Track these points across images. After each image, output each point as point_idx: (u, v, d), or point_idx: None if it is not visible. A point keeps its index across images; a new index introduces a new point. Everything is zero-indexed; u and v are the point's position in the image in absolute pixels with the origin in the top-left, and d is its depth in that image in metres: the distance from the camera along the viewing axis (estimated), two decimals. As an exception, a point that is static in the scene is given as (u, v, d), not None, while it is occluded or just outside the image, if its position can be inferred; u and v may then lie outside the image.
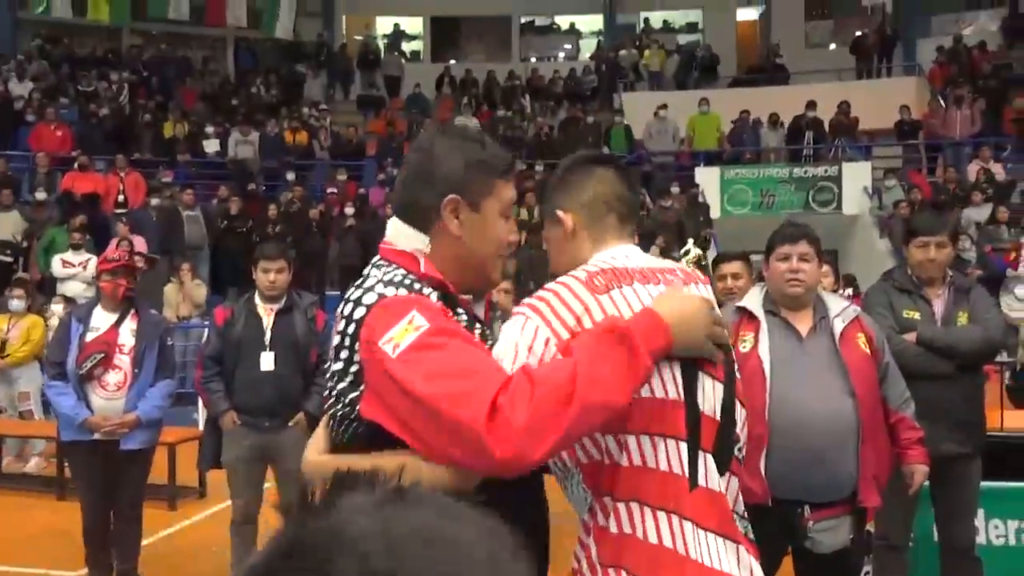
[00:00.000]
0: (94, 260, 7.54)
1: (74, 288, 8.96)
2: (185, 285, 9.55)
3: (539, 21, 21.04)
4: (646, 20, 19.97)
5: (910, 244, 3.31)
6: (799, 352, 2.63)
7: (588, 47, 19.63)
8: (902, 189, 11.82)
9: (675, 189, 11.39)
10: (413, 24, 20.58)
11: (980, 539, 3.58)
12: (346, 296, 1.41)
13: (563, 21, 20.93)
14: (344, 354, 1.37)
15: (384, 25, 20.60)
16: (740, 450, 1.52)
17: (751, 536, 1.50)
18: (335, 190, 11.90)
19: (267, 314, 3.93)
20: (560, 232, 1.57)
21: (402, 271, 1.40)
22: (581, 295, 1.41)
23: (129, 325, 3.96)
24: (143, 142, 13.31)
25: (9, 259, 10.01)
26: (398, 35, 20.35)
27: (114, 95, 14.42)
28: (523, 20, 20.60)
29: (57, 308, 7.13)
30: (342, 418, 1.37)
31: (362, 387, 1.33)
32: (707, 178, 12.45)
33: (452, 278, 1.42)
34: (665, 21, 20.23)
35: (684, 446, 1.38)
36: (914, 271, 3.30)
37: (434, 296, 1.38)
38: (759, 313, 2.70)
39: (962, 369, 3.17)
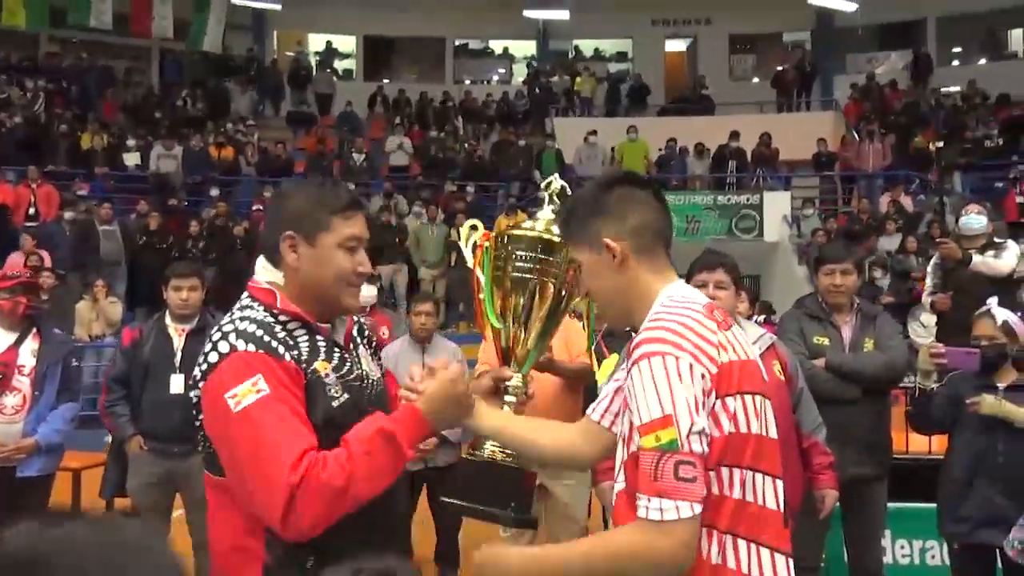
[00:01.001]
0: (-2, 275, 7.16)
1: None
2: (99, 303, 9.16)
3: (473, 44, 21.18)
4: (577, 47, 20.34)
5: (819, 271, 3.44)
6: (715, 377, 2.68)
7: (521, 72, 19.86)
8: (819, 218, 12.29)
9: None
10: (346, 43, 20.44)
11: (887, 559, 3.71)
12: (209, 335, 1.59)
13: (497, 45, 21.13)
14: (199, 383, 1.57)
15: (316, 42, 20.40)
16: None
17: None
18: (261, 207, 11.66)
19: (178, 335, 3.80)
20: (606, 260, 1.50)
21: (262, 310, 1.58)
22: (714, 329, 1.38)
23: (30, 345, 3.76)
24: (58, 153, 12.79)
25: (-95, 273, 9.42)
26: (330, 53, 20.17)
27: (28, 103, 13.82)
28: (457, 43, 20.72)
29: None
30: (201, 434, 1.59)
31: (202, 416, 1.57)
32: (635, 203, 12.66)
33: (306, 308, 1.60)
34: (596, 49, 20.65)
35: (780, 483, 1.41)
36: (823, 297, 3.42)
37: (287, 335, 1.56)
38: (678, 339, 2.74)
39: (868, 393, 3.29)
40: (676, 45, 20.53)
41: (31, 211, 10.95)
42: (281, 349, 1.54)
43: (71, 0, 14.66)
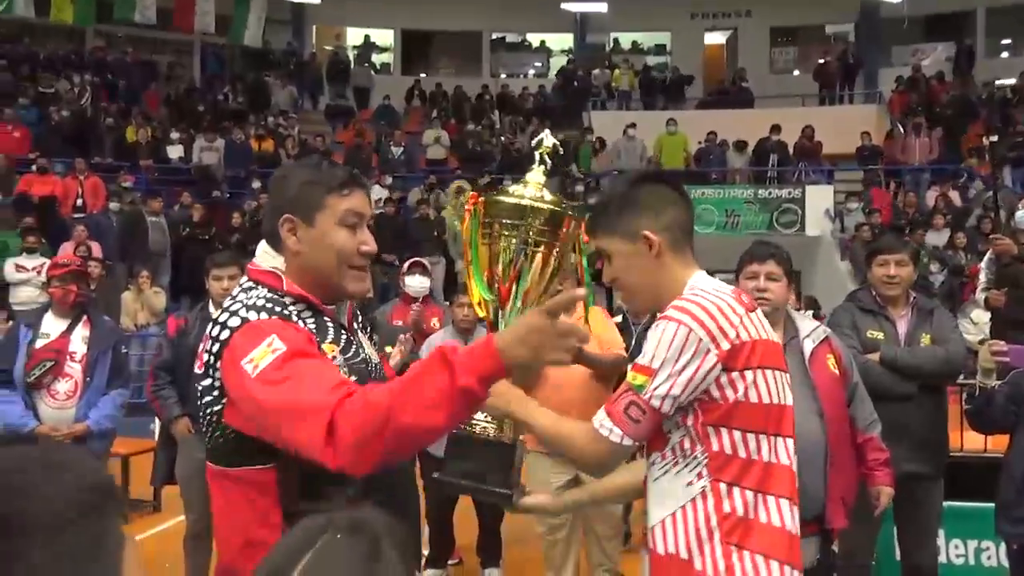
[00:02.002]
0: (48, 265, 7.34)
1: (27, 293, 8.70)
2: (144, 293, 9.33)
3: (510, 38, 21.15)
4: (615, 40, 20.18)
5: (872, 263, 3.35)
6: (768, 371, 2.63)
7: (558, 65, 19.78)
8: (863, 213, 12.06)
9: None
10: (384, 36, 20.54)
11: (941, 558, 3.62)
12: (214, 318, 1.55)
13: (534, 38, 21.06)
14: (210, 370, 1.51)
15: (354, 36, 20.52)
16: None
17: None
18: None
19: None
20: (643, 251, 1.64)
21: (266, 292, 1.54)
22: (739, 312, 1.56)
23: (81, 332, 3.83)
24: (104, 146, 13.05)
25: (-41, 262, 9.69)
26: (368, 47, 20.29)
27: (75, 97, 14.12)
28: (494, 36, 20.70)
29: (-3, 317, 6.91)
30: (210, 424, 1.53)
31: (224, 400, 1.49)
32: (674, 197, 12.55)
33: (310, 291, 1.56)
34: (634, 42, 20.48)
35: (791, 442, 1.62)
36: (876, 290, 3.33)
37: (294, 313, 1.53)
38: (728, 331, 2.69)
39: (925, 389, 3.20)
40: (715, 38, 20.27)
41: (78, 202, 11.18)
42: (294, 317, 1.52)
43: (117, -5, 14.95)
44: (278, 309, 1.51)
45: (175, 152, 13.14)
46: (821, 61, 17.25)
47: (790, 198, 12.68)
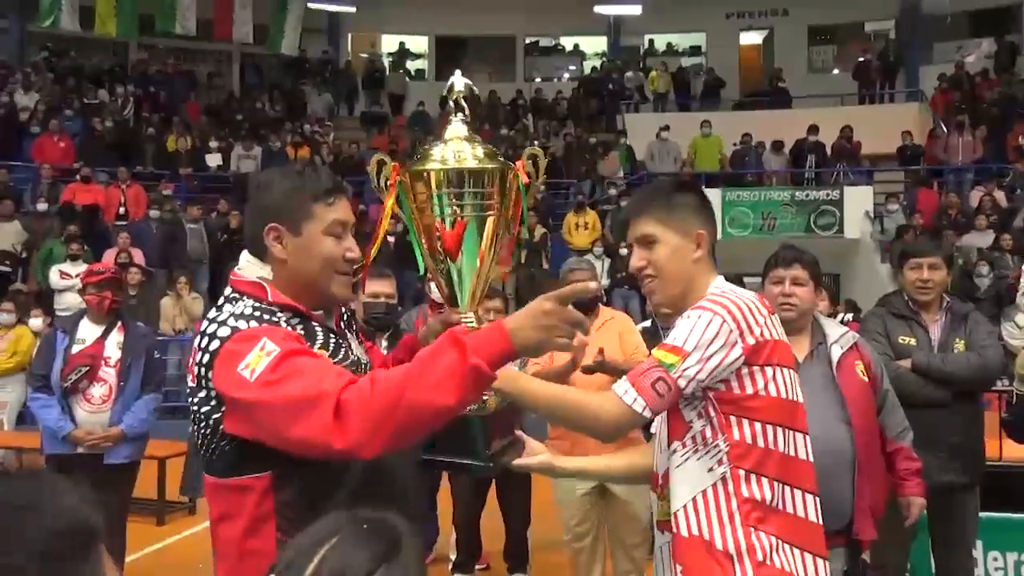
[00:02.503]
0: (90, 272, 7.53)
1: (71, 299, 8.92)
2: (182, 298, 9.51)
3: (543, 42, 21.15)
4: (650, 42, 20.05)
5: (904, 267, 3.27)
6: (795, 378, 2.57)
7: (592, 68, 19.72)
8: (904, 214, 11.79)
9: (676, 210, 11.35)
10: (418, 43, 20.70)
11: (979, 571, 3.51)
12: (202, 328, 1.53)
13: (567, 42, 21.03)
14: (203, 382, 1.50)
15: (389, 43, 20.72)
16: None
17: None
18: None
19: None
20: (690, 248, 1.79)
21: (252, 302, 1.53)
22: (764, 312, 1.70)
23: (116, 338, 3.92)
24: (146, 155, 13.35)
25: (8, 269, 9.99)
26: (403, 53, 20.46)
27: (119, 108, 14.48)
28: (527, 40, 20.72)
29: (35, 322, 7.11)
30: (207, 436, 1.51)
31: (223, 408, 1.48)
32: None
33: (297, 298, 1.56)
34: (669, 43, 20.33)
35: (808, 439, 1.72)
36: (908, 294, 3.25)
37: (282, 320, 1.52)
38: (755, 337, 2.65)
39: (959, 397, 3.11)
40: (751, 37, 20.03)
41: (121, 210, 11.45)
42: (283, 324, 1.52)
43: (158, 8, 15.32)
44: (266, 317, 1.52)
45: (214, 160, 13.39)
46: (860, 59, 16.92)
47: (828, 200, 12.45)
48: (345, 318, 1.74)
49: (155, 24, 15.49)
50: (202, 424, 1.52)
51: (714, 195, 12.65)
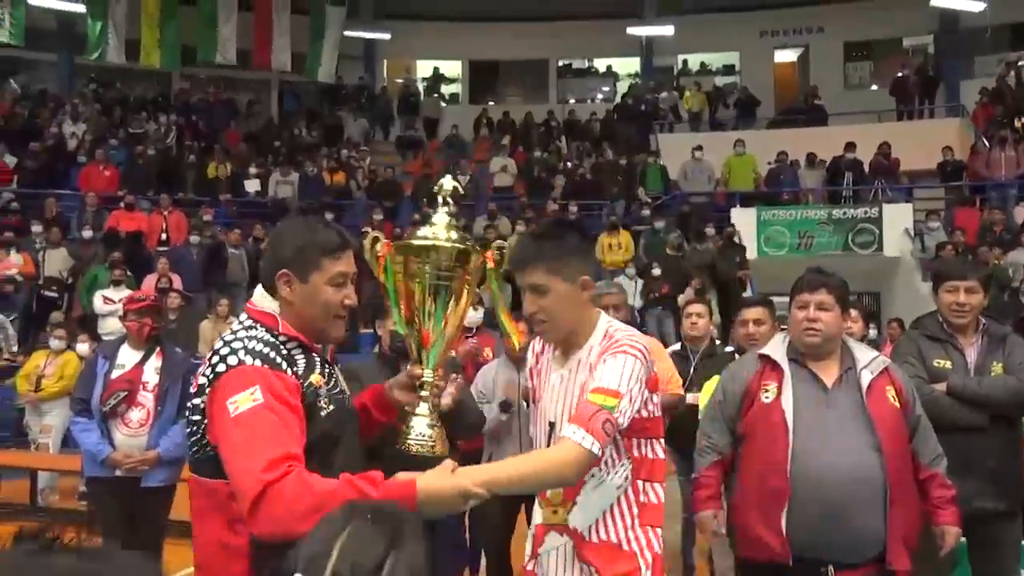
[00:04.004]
0: (132, 297, 7.72)
1: (114, 324, 9.14)
2: (222, 321, 9.68)
3: (576, 64, 21.27)
4: (684, 62, 20.04)
5: (939, 289, 3.21)
6: (823, 404, 2.53)
7: (625, 89, 19.77)
8: (945, 231, 11.55)
9: (710, 231, 11.29)
10: (452, 67, 20.97)
11: (1023, 603, 3.38)
12: (219, 345, 1.76)
13: (600, 64, 21.12)
14: (204, 392, 1.75)
15: (424, 68, 21.03)
16: None
17: None
18: (370, 229, 12.04)
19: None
20: (577, 293, 2.02)
21: (264, 333, 1.77)
22: (648, 345, 2.06)
23: (154, 363, 4.01)
24: (187, 182, 13.68)
25: (54, 295, 10.27)
26: (437, 78, 20.75)
27: (161, 136, 14.88)
28: (560, 63, 20.85)
29: (82, 347, 7.29)
30: (198, 438, 1.76)
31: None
32: (743, 219, 12.31)
33: (301, 332, 1.81)
34: (702, 63, 20.30)
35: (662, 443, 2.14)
36: (944, 317, 3.18)
37: (289, 350, 1.76)
38: (782, 362, 2.62)
39: (997, 420, 3.03)
40: (786, 55, 19.92)
41: (163, 236, 11.74)
42: (284, 364, 1.74)
43: (199, 39, 15.79)
44: (272, 355, 1.74)
45: (252, 186, 13.66)
46: (898, 75, 16.70)
47: (867, 217, 12.26)
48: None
49: (197, 55, 15.97)
50: (195, 427, 1.77)
51: (749, 214, 12.56)
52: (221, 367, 1.71)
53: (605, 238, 11.70)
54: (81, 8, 15.64)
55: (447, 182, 2.05)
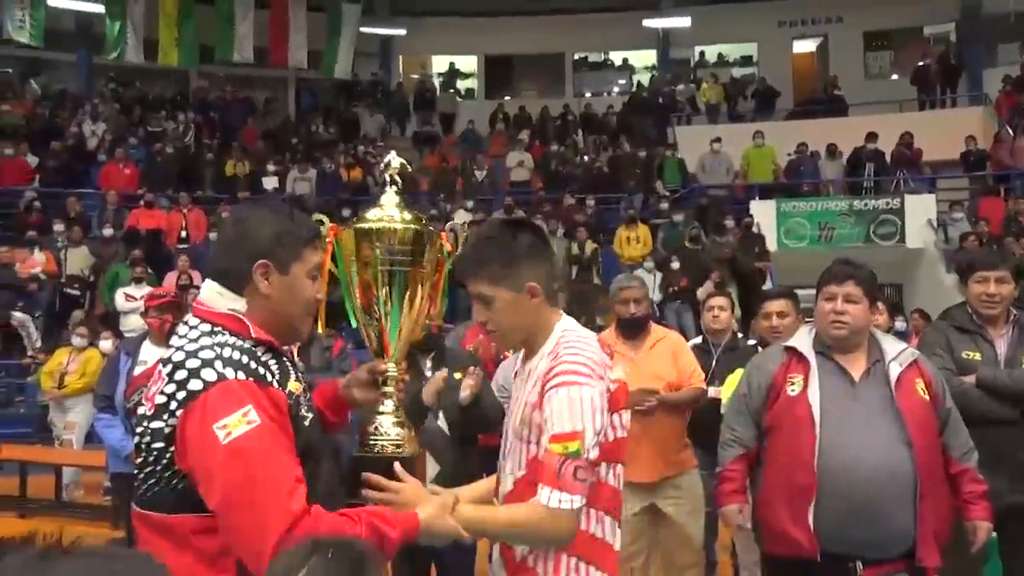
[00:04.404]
0: (153, 294, 7.78)
1: (136, 321, 9.21)
2: (241, 319, 9.73)
3: (592, 57, 21.17)
4: (701, 54, 19.89)
5: (968, 279, 3.15)
6: (851, 397, 2.49)
7: (641, 81, 19.65)
8: (968, 222, 11.39)
9: (729, 223, 11.20)
10: (467, 63, 20.94)
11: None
12: (173, 356, 1.51)
13: (616, 57, 21.01)
14: (166, 416, 1.48)
15: (439, 64, 21.01)
16: None
17: None
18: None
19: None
20: (524, 299, 1.80)
21: (235, 340, 1.54)
22: (607, 363, 1.77)
23: (175, 359, 4.01)
24: (205, 180, 13.75)
25: (76, 293, 10.38)
26: (453, 73, 20.73)
27: (180, 135, 14.97)
28: (576, 56, 20.76)
29: (105, 344, 7.35)
30: (155, 470, 1.49)
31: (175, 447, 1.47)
32: (763, 211, 12.21)
33: (271, 334, 1.60)
34: (720, 55, 20.13)
35: (622, 467, 1.82)
36: (974, 308, 3.12)
37: (264, 360, 1.55)
38: (809, 354, 2.57)
39: (1029, 414, 2.97)
40: (805, 45, 19.70)
41: (182, 234, 11.82)
42: (268, 376, 1.53)
43: (217, 37, 15.87)
44: (253, 366, 1.52)
45: (270, 183, 13.71)
46: (920, 64, 16.47)
47: (888, 208, 12.11)
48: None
49: (214, 53, 16.05)
50: (152, 455, 1.49)
51: (768, 206, 12.45)
52: (196, 384, 1.46)
53: (623, 232, 11.64)
54: (99, 8, 15.76)
55: (394, 160, 1.94)
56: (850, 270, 2.57)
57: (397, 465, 1.70)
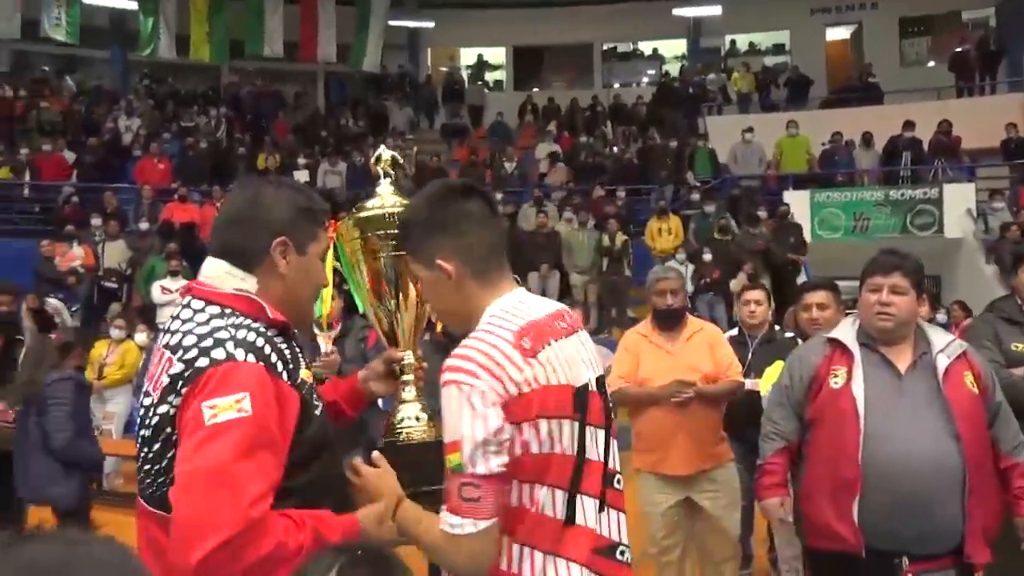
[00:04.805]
0: (188, 287, 7.89)
1: (172, 313, 9.34)
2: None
3: (621, 47, 21.01)
4: (732, 42, 19.64)
5: (1018, 270, 3.06)
6: (897, 390, 2.43)
7: (671, 71, 19.46)
8: (1009, 212, 11.12)
9: (762, 214, 11.06)
10: (496, 54, 20.90)
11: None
12: (183, 341, 1.39)
13: (646, 46, 20.83)
14: (171, 397, 1.38)
15: (468, 56, 21.00)
16: (618, 482, 1.55)
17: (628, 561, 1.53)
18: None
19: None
20: (441, 279, 1.53)
21: (249, 321, 1.43)
22: (517, 361, 1.41)
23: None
24: (237, 173, 13.88)
25: (114, 286, 10.55)
26: (481, 65, 20.70)
27: (212, 130, 15.13)
28: (605, 47, 20.62)
29: (140, 337, 7.46)
30: (163, 467, 1.40)
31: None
32: (797, 202, 12.03)
33: (284, 316, 1.49)
34: (751, 43, 19.86)
35: (561, 493, 1.44)
36: (1022, 298, 3.04)
37: (277, 343, 1.45)
38: (853, 346, 2.52)
39: (1082, 408, 2.88)
40: (839, 33, 19.37)
41: (216, 227, 11.95)
42: (280, 366, 1.42)
43: (247, 32, 16.00)
44: (268, 351, 1.41)
45: (301, 177, 13.78)
46: (958, 50, 16.10)
47: (926, 198, 11.88)
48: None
49: (244, 48, 16.20)
50: (160, 444, 1.40)
51: (802, 197, 12.27)
52: (203, 361, 1.35)
53: (654, 223, 11.54)
54: (133, 5, 15.97)
55: (384, 152, 1.94)
56: (897, 260, 2.51)
57: (376, 454, 1.61)
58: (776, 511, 2.64)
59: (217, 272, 1.50)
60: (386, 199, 1.88)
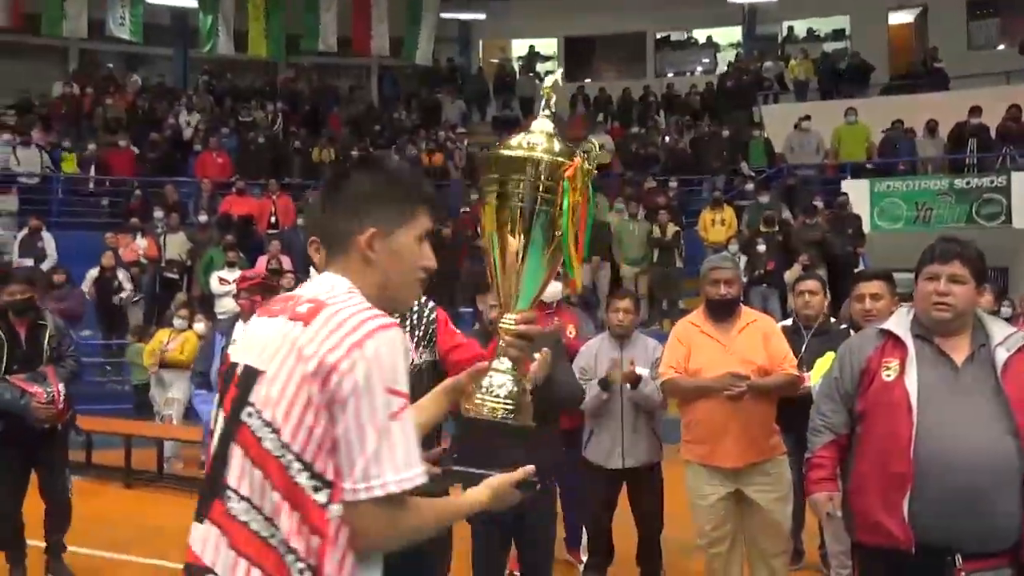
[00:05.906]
0: (246, 277, 8.11)
1: (229, 303, 9.59)
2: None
3: (674, 36, 20.72)
4: (790, 28, 19.19)
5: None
6: (953, 383, 2.36)
7: (726, 59, 19.11)
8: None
9: (819, 204, 10.80)
10: (547, 45, 20.82)
11: None
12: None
13: (700, 35, 20.49)
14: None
15: (519, 47, 20.96)
16: (226, 499, 1.36)
17: None
18: (468, 210, 12.16)
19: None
20: (367, 254, 1.47)
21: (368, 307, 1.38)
22: None
23: (266, 340, 4.15)
24: (293, 167, 14.16)
25: (175, 276, 10.89)
26: (533, 56, 20.65)
27: (269, 124, 15.45)
28: (658, 36, 20.35)
29: (199, 326, 7.69)
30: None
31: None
32: (855, 191, 11.71)
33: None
34: (809, 29, 19.37)
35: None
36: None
37: None
38: (906, 338, 2.45)
39: None
40: (902, 16, 18.73)
41: (272, 220, 12.21)
42: None
43: (303, 29, 16.29)
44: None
45: (355, 170, 13.99)
46: (1029, 32, 15.45)
47: (993, 187, 11.44)
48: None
49: (300, 44, 16.48)
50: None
51: (861, 186, 11.95)
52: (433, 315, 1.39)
53: (708, 214, 11.38)
54: (193, 3, 16.39)
55: (549, 78, 1.70)
56: (956, 248, 2.42)
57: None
58: (824, 506, 2.59)
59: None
60: (536, 138, 1.62)
